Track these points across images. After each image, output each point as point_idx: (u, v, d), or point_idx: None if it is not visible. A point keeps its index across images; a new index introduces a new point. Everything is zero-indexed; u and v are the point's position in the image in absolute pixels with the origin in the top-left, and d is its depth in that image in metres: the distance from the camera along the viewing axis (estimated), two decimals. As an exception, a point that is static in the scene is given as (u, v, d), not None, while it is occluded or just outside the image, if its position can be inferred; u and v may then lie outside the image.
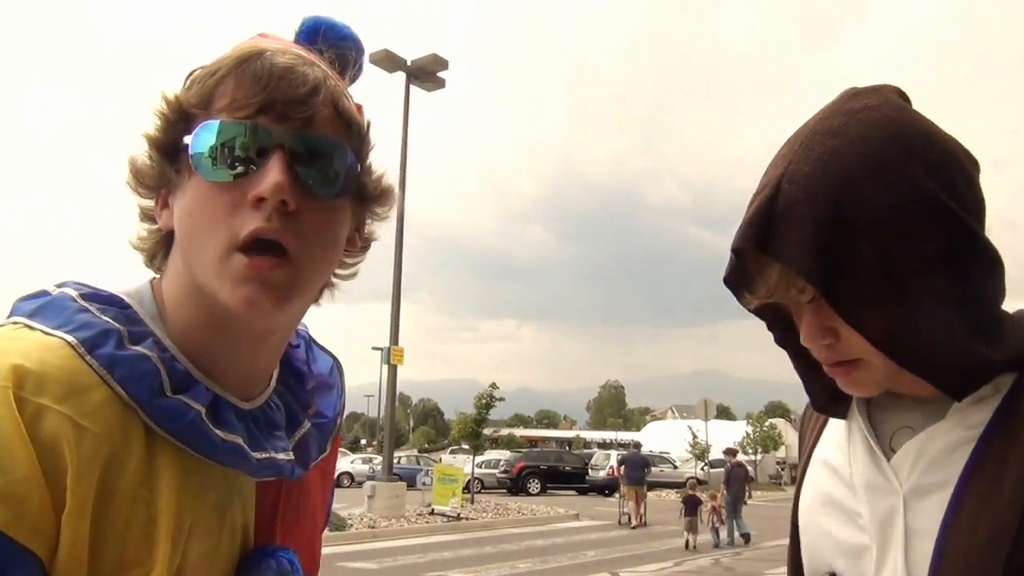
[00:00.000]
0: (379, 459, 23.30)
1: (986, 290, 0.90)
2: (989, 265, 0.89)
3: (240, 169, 0.74)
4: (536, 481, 32.34)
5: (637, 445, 24.93)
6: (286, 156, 0.74)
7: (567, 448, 64.69)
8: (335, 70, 0.85)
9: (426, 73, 19.82)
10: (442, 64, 19.81)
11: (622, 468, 20.63)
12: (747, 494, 17.31)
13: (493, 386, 22.70)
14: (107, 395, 0.71)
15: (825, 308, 0.89)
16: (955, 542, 0.85)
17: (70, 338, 0.71)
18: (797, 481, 1.15)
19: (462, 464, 26.13)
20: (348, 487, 33.65)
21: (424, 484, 21.08)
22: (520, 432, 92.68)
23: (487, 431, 26.50)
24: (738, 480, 16.68)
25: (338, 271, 0.89)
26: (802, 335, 0.93)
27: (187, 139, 0.77)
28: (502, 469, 33.40)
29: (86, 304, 0.76)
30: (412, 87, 19.87)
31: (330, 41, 0.86)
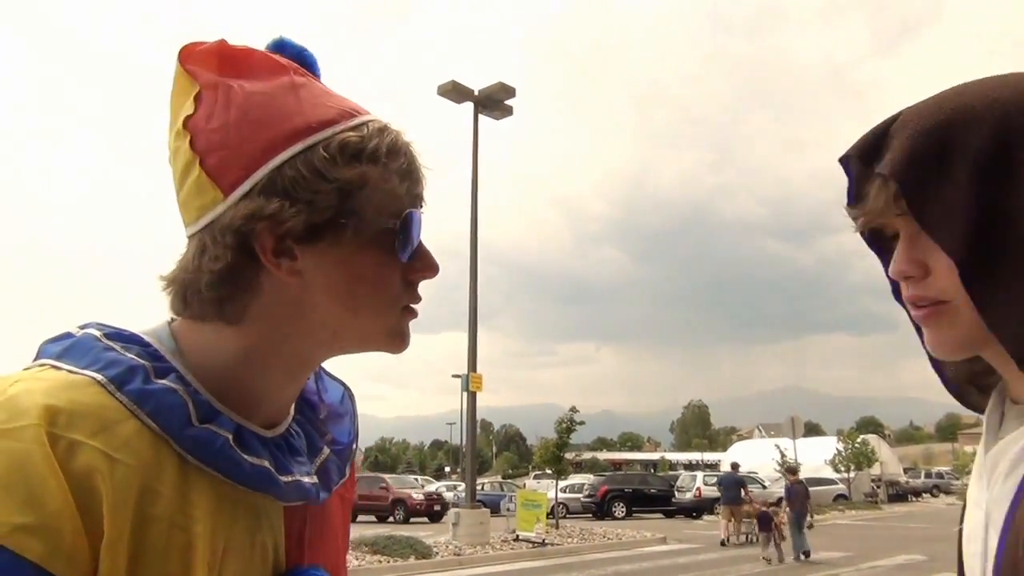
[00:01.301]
0: (463, 486, 23.37)
1: None
2: None
3: (414, 250, 0.87)
4: (621, 505, 31.90)
5: (735, 466, 24.46)
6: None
7: (652, 470, 63.72)
8: None
9: (494, 102, 20.00)
10: (509, 92, 19.97)
11: (720, 488, 20.60)
12: (810, 512, 17.57)
13: (573, 410, 22.56)
14: (137, 428, 0.74)
15: (919, 240, 0.86)
16: (1007, 560, 0.81)
17: (98, 376, 0.75)
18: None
19: (546, 489, 25.99)
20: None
21: (508, 510, 21.03)
22: (603, 455, 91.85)
23: (569, 455, 26.27)
24: (799, 498, 16.90)
25: None
26: (891, 266, 0.89)
27: (398, 221, 0.85)
28: (586, 493, 33.10)
29: (110, 343, 0.79)
30: (481, 116, 20.10)
31: (308, 65, 0.91)
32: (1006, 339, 0.79)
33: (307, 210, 0.80)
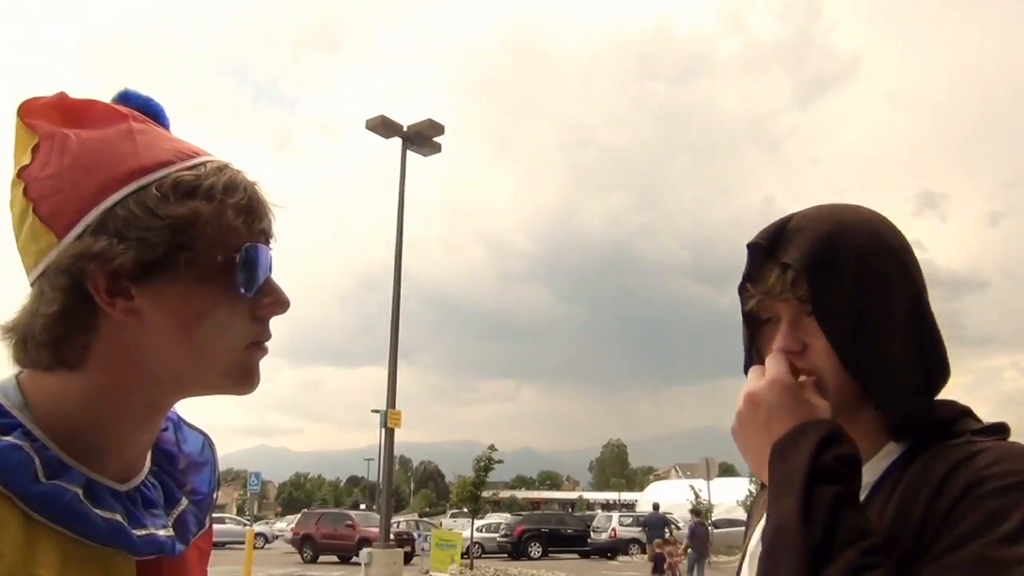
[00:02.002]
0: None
1: (932, 364, 0.99)
2: (938, 347, 1.00)
3: (257, 285, 0.87)
4: (537, 545, 31.83)
5: (656, 506, 25.01)
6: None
7: (570, 510, 63.76)
8: None
9: (422, 138, 20.07)
10: (438, 129, 20.09)
11: (645, 529, 21.54)
12: (709, 553, 18.92)
13: (492, 448, 22.53)
14: None
15: (800, 322, 1.00)
16: None
17: None
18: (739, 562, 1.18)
19: (462, 528, 25.75)
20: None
21: (422, 550, 20.76)
22: (522, 494, 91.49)
23: (488, 493, 26.16)
24: (700, 539, 18.22)
25: None
26: (776, 342, 1.00)
27: (237, 256, 0.85)
28: (502, 533, 32.91)
29: None
30: (409, 152, 20.14)
31: (154, 114, 0.93)
32: (881, 406, 0.96)
33: (137, 247, 0.80)
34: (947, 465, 0.89)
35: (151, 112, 0.92)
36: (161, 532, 0.85)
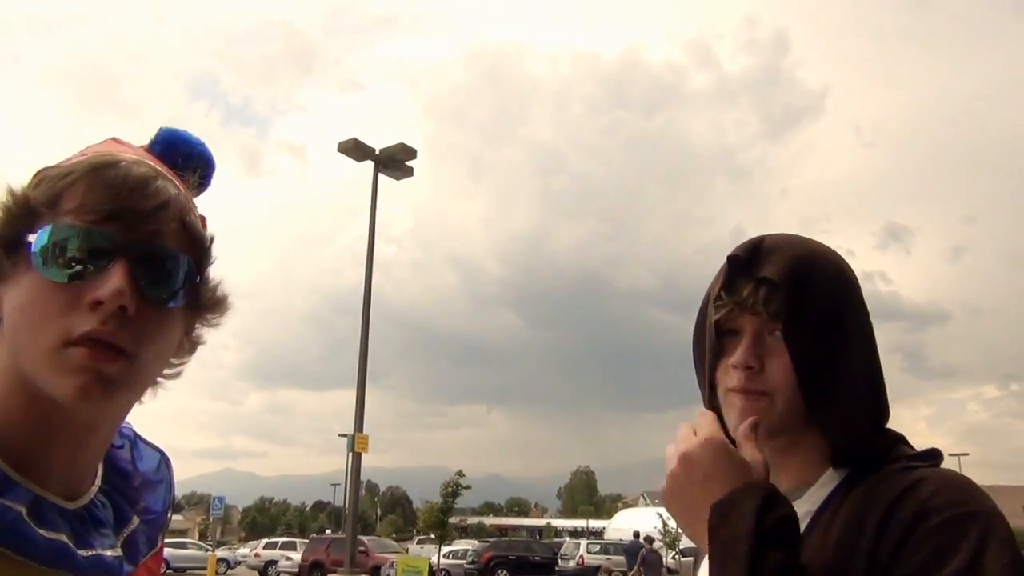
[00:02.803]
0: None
1: (882, 398, 1.04)
2: (882, 385, 1.05)
3: (79, 271, 0.76)
4: (505, 572, 31.42)
5: (636, 534, 25.13)
6: (128, 265, 0.77)
7: (538, 536, 63.38)
8: (185, 183, 0.88)
9: (395, 162, 20.07)
10: (410, 153, 20.11)
11: (625, 556, 21.68)
12: None
13: (460, 474, 22.41)
14: None
15: (762, 339, 1.02)
16: None
17: None
18: None
19: (429, 554, 25.47)
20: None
21: (388, 576, 20.51)
22: (490, 520, 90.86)
23: (455, 520, 25.99)
24: (652, 566, 18.78)
25: (165, 371, 0.90)
26: (736, 356, 1.02)
27: (31, 237, 0.77)
28: (470, 560, 32.47)
29: None
30: (381, 176, 20.12)
31: (183, 154, 0.92)
32: (825, 430, 0.99)
33: None
34: (890, 496, 0.90)
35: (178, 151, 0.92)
36: (109, 552, 0.82)
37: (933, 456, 0.98)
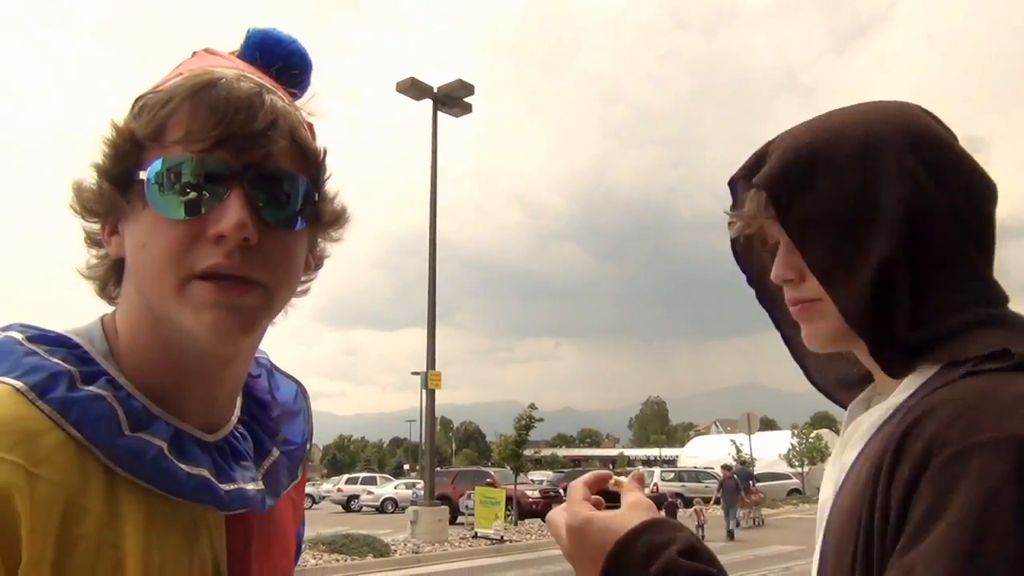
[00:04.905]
0: (421, 484, 23.32)
1: (938, 276, 0.86)
2: (948, 253, 0.87)
3: (195, 204, 0.73)
4: (580, 501, 31.88)
5: (743, 462, 25.97)
6: (246, 192, 0.74)
7: (611, 467, 64.11)
8: (287, 91, 0.84)
9: (453, 99, 19.94)
10: (468, 90, 19.94)
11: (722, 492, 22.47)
12: (740, 503, 21.55)
13: (532, 407, 22.62)
14: (61, 439, 0.69)
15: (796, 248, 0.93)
16: (833, 527, 0.88)
17: (18, 383, 0.69)
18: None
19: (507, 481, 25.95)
20: (392, 512, 33.69)
21: (466, 508, 21.02)
22: (563, 452, 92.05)
23: (529, 452, 26.34)
24: (729, 490, 20.92)
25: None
26: (773, 271, 0.98)
27: (142, 174, 0.74)
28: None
29: (33, 347, 0.74)
30: (440, 114, 20.05)
31: (277, 56, 0.85)
32: (859, 330, 0.87)
33: (103, 170, 0.77)
34: (903, 425, 0.79)
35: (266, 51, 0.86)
36: (250, 486, 0.81)
37: (1002, 357, 0.78)
